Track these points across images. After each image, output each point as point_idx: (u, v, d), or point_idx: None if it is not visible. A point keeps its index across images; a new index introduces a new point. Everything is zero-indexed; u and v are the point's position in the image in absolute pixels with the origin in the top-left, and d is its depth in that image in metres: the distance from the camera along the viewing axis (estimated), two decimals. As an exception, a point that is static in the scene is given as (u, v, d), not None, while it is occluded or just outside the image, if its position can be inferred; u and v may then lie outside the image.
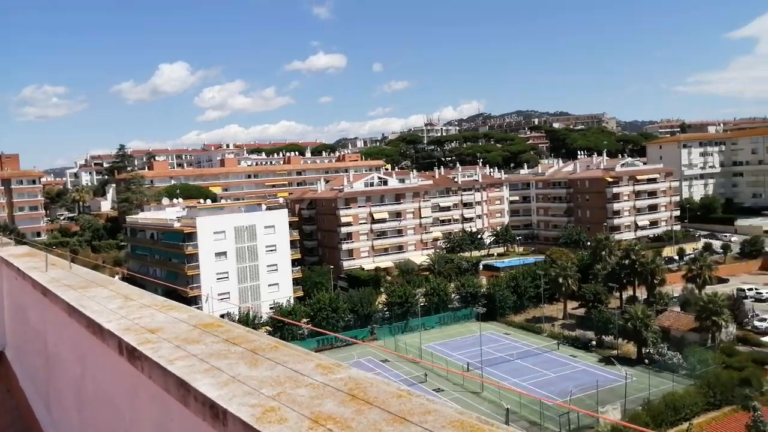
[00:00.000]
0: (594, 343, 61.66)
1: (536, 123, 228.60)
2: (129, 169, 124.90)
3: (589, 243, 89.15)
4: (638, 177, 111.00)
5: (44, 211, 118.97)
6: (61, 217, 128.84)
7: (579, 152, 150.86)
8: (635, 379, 50.36)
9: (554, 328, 68.86)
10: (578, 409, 44.81)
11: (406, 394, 1.66)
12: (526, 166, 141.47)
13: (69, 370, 3.63)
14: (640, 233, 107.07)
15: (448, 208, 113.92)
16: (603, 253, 78.82)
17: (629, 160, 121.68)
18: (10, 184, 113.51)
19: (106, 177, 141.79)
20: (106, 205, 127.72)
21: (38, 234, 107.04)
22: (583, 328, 66.45)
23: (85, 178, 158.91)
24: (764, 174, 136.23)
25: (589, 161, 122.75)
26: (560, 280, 71.71)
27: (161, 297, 3.18)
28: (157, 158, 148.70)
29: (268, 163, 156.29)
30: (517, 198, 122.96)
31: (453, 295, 75.81)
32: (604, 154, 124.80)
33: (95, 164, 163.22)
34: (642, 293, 72.39)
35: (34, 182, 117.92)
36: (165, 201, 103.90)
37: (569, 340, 63.57)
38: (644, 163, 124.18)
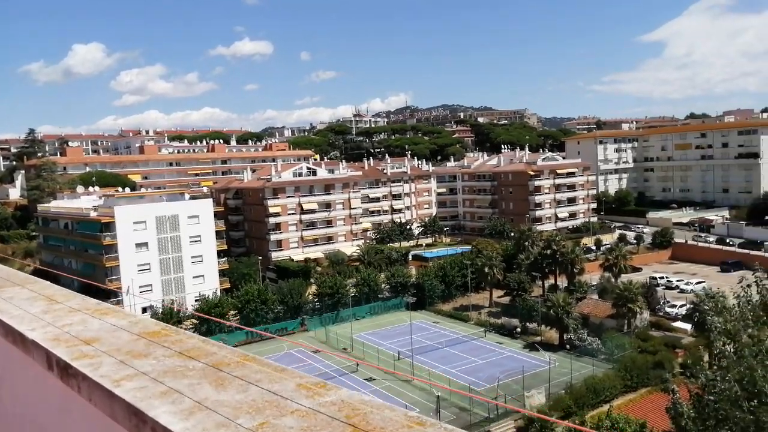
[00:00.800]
0: (519, 330, 63.68)
1: (462, 117, 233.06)
2: (39, 155, 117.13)
3: (512, 234, 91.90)
4: (558, 171, 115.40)
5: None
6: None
7: (503, 146, 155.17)
8: (558, 364, 52.43)
9: (481, 316, 70.59)
10: (482, 398, 46.16)
11: (417, 422, 1.43)
12: (452, 159, 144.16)
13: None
14: (560, 224, 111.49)
15: (377, 199, 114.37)
16: (526, 243, 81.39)
17: (550, 154, 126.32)
18: None
19: (14, 163, 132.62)
20: (14, 193, 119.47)
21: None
22: (508, 315, 68.47)
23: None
24: (672, 169, 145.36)
25: (512, 155, 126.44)
26: (486, 269, 73.50)
27: (93, 299, 2.76)
28: (70, 144, 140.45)
29: (191, 150, 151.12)
30: (444, 190, 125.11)
31: (383, 285, 76.22)
32: (527, 148, 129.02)
33: (1, 149, 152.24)
34: (563, 282, 75.40)
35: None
36: (80, 189, 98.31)
37: (495, 328, 65.36)
38: (563, 158, 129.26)
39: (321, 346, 62.81)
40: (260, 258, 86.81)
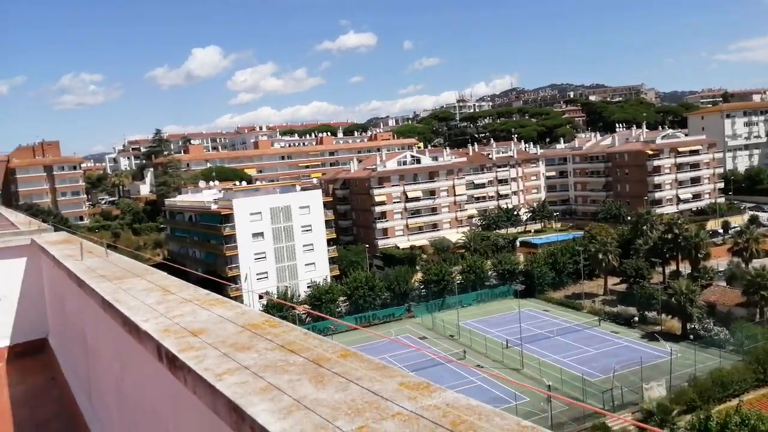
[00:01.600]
0: (636, 319, 60.35)
1: (571, 96, 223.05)
2: (165, 153, 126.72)
3: (629, 217, 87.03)
4: (680, 149, 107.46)
5: (86, 196, 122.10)
6: (102, 202, 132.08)
7: (617, 125, 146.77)
8: (680, 356, 49.11)
9: (594, 304, 67.64)
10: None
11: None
12: (562, 141, 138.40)
13: (108, 367, 3.39)
14: (682, 206, 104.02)
15: (482, 185, 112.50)
16: (644, 227, 76.82)
17: (670, 131, 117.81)
18: (52, 171, 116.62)
19: (144, 161, 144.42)
20: (144, 189, 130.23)
21: (81, 218, 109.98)
22: (624, 304, 65.14)
23: (124, 163, 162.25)
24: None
25: (628, 134, 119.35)
26: (600, 255, 70.23)
27: (203, 290, 2.85)
28: (192, 142, 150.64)
29: (301, 144, 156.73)
30: (553, 173, 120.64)
31: (490, 273, 75.10)
32: (644, 126, 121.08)
33: (133, 149, 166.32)
34: (685, 268, 70.44)
35: (75, 168, 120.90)
36: (201, 184, 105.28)
37: (610, 317, 62.41)
38: (686, 135, 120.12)
39: (427, 332, 63.12)
40: (367, 246, 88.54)
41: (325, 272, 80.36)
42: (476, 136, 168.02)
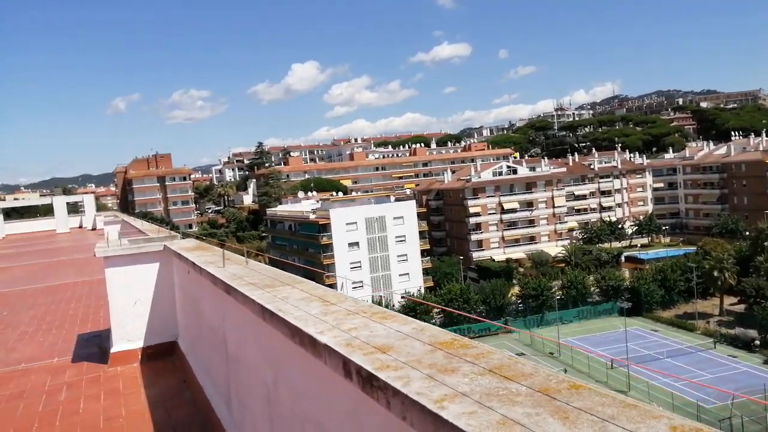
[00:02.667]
0: (758, 342, 55.36)
1: (680, 103, 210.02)
2: (267, 165, 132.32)
3: (748, 232, 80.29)
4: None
5: (194, 205, 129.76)
6: (209, 210, 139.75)
7: (732, 133, 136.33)
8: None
9: (709, 325, 62.86)
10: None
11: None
12: (671, 150, 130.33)
13: (257, 376, 3.34)
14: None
15: (584, 197, 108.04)
16: (766, 243, 70.57)
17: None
18: (165, 181, 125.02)
19: (247, 173, 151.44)
20: (247, 199, 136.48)
21: (189, 226, 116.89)
22: (743, 326, 59.92)
23: (229, 174, 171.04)
24: None
25: (745, 143, 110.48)
26: (715, 273, 65.32)
27: (365, 302, 2.72)
28: (291, 154, 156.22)
29: (395, 155, 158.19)
30: (661, 185, 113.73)
31: (592, 289, 71.80)
32: (763, 134, 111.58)
33: (237, 161, 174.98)
34: (815, 289, 63.83)
35: (184, 179, 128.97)
36: (300, 194, 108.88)
37: (727, 339, 57.66)
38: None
39: (525, 348, 61.17)
40: (461, 258, 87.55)
41: (419, 283, 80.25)
42: (576, 145, 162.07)
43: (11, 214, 55.74)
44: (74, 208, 51.68)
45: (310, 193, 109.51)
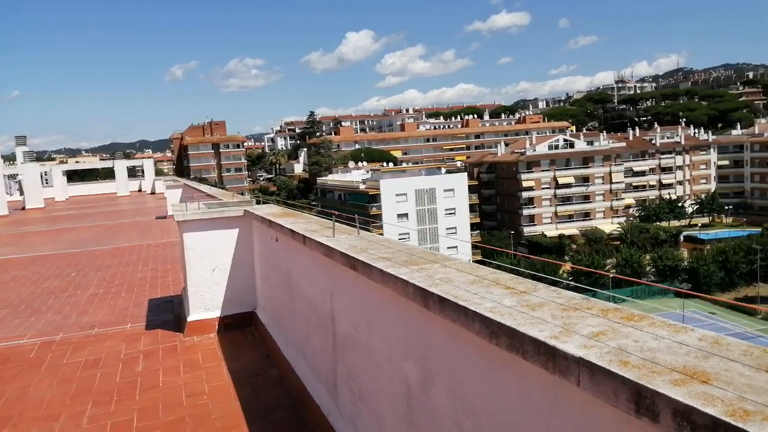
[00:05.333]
0: (828, 332, 52.46)
1: (750, 77, 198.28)
2: (318, 134, 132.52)
3: (820, 215, 75.80)
4: None
5: (247, 173, 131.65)
6: (261, 178, 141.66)
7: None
8: None
9: (773, 311, 59.89)
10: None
11: None
12: (738, 126, 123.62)
13: (389, 372, 2.82)
14: None
15: (643, 173, 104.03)
16: (840, 227, 66.49)
17: None
18: (219, 148, 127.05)
19: (298, 142, 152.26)
20: (298, 168, 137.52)
21: (242, 193, 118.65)
22: (812, 313, 56.95)
23: (280, 143, 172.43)
24: None
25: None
26: (783, 256, 62.01)
27: (567, 291, 2.15)
28: (342, 124, 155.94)
29: (446, 126, 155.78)
30: (726, 162, 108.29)
31: (648, 268, 69.44)
32: None
33: (288, 130, 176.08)
34: None
35: (238, 146, 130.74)
36: (351, 164, 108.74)
37: (793, 327, 54.88)
38: None
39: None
40: (512, 232, 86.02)
41: (468, 257, 79.37)
42: (636, 120, 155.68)
43: (73, 177, 57.62)
44: (133, 172, 52.94)
45: (360, 163, 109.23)
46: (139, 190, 43.97)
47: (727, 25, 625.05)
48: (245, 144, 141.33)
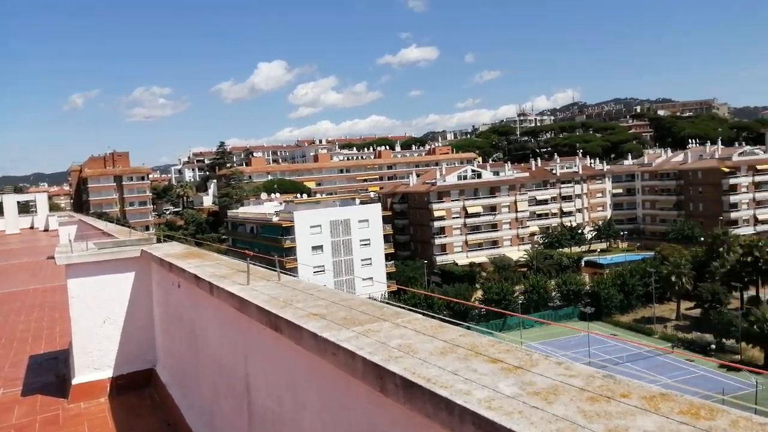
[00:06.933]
0: (713, 347, 56.61)
1: (638, 111, 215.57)
2: (228, 165, 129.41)
3: (703, 238, 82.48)
4: (759, 167, 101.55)
5: (152, 206, 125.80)
6: (167, 212, 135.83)
7: (689, 141, 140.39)
8: (763, 388, 45.55)
9: (667, 329, 64.09)
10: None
11: None
12: (629, 157, 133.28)
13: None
14: (760, 228, 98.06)
15: (545, 202, 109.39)
16: (721, 249, 72.52)
17: (748, 148, 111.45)
18: (122, 181, 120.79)
19: (208, 173, 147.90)
20: (207, 200, 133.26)
21: (147, 228, 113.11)
22: (699, 330, 61.38)
23: (188, 175, 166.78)
24: None
25: (701, 150, 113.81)
26: (673, 278, 66.70)
27: (577, 364, 1.74)
28: (254, 154, 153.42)
29: (359, 157, 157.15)
30: (620, 191, 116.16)
31: (554, 293, 72.39)
32: (719, 142, 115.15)
33: (197, 161, 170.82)
34: (766, 293, 65.89)
35: (143, 178, 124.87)
36: (263, 196, 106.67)
37: (684, 343, 58.84)
38: (764, 152, 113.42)
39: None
40: (425, 261, 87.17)
41: (383, 287, 79.40)
42: (538, 151, 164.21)
43: (-45, 212, 52.49)
44: (25, 208, 48.92)
45: (273, 195, 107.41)
46: (31, 227, 40.63)
47: (615, 63, 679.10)
48: (150, 176, 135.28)
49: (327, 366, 2.18)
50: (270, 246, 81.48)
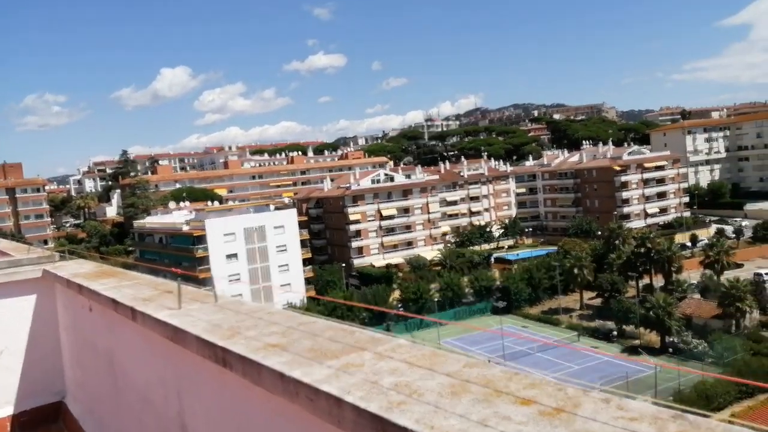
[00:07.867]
0: (615, 333, 60.94)
1: (536, 115, 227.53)
2: (133, 174, 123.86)
3: (599, 232, 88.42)
4: (646, 165, 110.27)
5: (50, 219, 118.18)
6: (67, 225, 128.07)
7: (583, 142, 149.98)
8: (661, 369, 49.59)
9: (572, 319, 68.16)
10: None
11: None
12: (530, 158, 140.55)
13: None
14: (650, 221, 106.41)
15: (455, 203, 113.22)
16: (616, 242, 78.04)
17: (636, 148, 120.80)
18: (15, 193, 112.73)
19: (110, 183, 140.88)
20: (111, 211, 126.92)
21: (45, 242, 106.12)
22: (601, 318, 65.77)
23: (89, 185, 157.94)
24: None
25: (595, 151, 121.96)
26: (575, 270, 70.94)
27: (628, 400, 1.48)
28: (160, 162, 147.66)
29: (272, 163, 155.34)
30: (523, 190, 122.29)
31: (467, 290, 75.16)
32: (610, 143, 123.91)
33: (98, 171, 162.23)
34: (658, 281, 71.64)
35: (38, 190, 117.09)
36: (172, 205, 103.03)
37: (589, 331, 62.90)
38: (650, 151, 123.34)
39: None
40: (343, 265, 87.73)
41: (302, 293, 79.10)
42: (445, 154, 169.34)
43: None
44: None
45: (182, 203, 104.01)
46: None
47: (514, 70, 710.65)
48: (47, 187, 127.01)
49: (300, 411, 1.76)
50: (181, 256, 78.98)
